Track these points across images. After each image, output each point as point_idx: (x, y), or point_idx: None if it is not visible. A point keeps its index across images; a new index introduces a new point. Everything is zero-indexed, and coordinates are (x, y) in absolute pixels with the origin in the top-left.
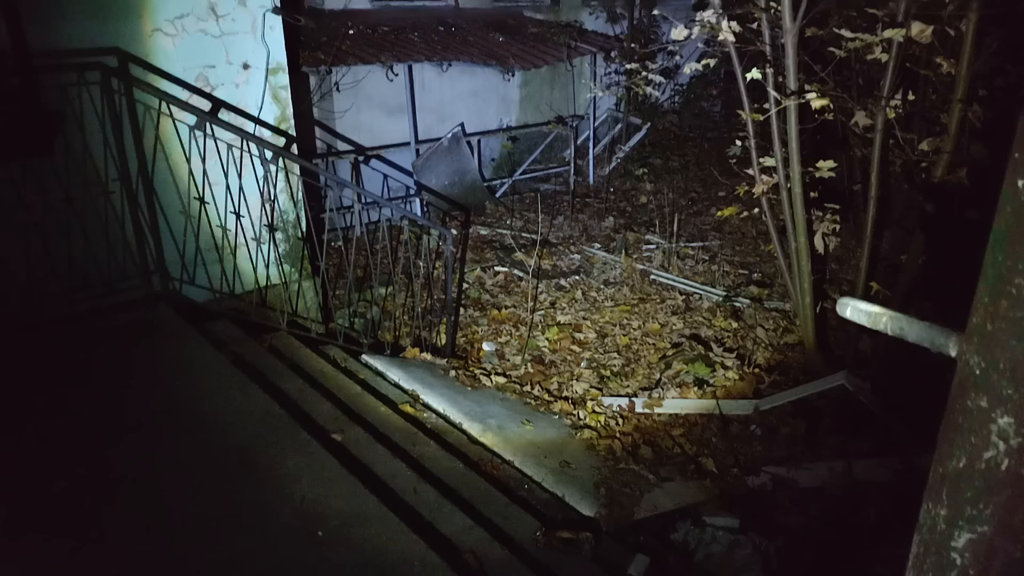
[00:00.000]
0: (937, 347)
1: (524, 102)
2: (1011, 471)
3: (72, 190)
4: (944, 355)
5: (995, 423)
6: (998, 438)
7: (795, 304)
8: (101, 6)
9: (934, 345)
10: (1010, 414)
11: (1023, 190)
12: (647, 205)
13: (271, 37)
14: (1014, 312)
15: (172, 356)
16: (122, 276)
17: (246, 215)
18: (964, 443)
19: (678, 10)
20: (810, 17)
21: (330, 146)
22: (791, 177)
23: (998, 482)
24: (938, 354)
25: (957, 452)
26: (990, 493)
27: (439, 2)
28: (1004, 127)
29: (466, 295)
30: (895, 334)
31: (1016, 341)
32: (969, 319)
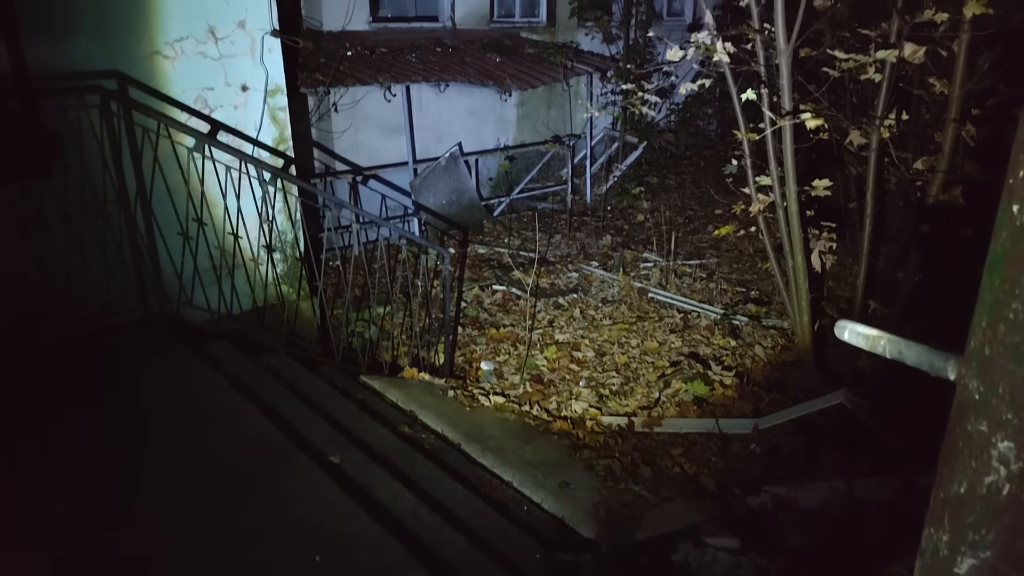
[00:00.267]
0: (936, 370)
1: (521, 121)
2: (1012, 496)
3: (70, 212)
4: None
5: (995, 448)
6: (999, 463)
7: (793, 322)
8: (102, 29)
9: (932, 368)
10: (1010, 439)
11: (1018, 214)
12: (644, 223)
13: (270, 59)
14: (1012, 336)
15: (169, 378)
16: (120, 297)
17: (244, 236)
18: (965, 468)
19: (673, 30)
20: (804, 38)
21: (328, 166)
22: (787, 196)
23: (1000, 508)
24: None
25: (958, 477)
26: (992, 518)
27: (436, 24)
28: (997, 146)
29: (464, 314)
30: (893, 357)
31: (1015, 366)
32: (967, 342)
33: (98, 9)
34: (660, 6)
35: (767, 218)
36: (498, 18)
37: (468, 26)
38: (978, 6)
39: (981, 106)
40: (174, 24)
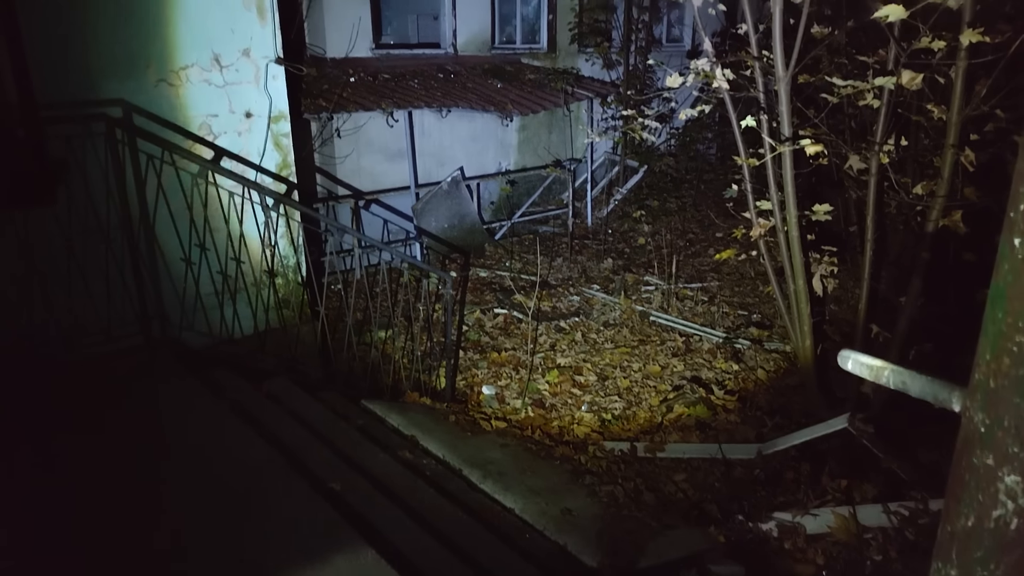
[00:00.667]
0: (940, 402)
1: (522, 146)
2: (1020, 531)
3: (74, 237)
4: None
5: (1002, 481)
6: (1006, 497)
7: (795, 346)
8: (109, 58)
9: (937, 400)
10: (1017, 472)
11: (1020, 247)
12: (645, 246)
13: (274, 86)
14: (1017, 369)
15: (170, 404)
16: (121, 322)
17: (247, 260)
18: (972, 501)
19: (672, 56)
20: (802, 65)
21: (331, 191)
22: (788, 221)
23: (1008, 542)
24: None
25: (965, 510)
26: (1000, 553)
27: (438, 50)
28: (997, 171)
29: (465, 337)
30: (897, 388)
31: (1020, 399)
32: (971, 375)
33: (106, 38)
34: (659, 32)
35: (768, 242)
36: (499, 44)
37: (470, 52)
38: (974, 35)
39: (979, 131)
40: (180, 52)
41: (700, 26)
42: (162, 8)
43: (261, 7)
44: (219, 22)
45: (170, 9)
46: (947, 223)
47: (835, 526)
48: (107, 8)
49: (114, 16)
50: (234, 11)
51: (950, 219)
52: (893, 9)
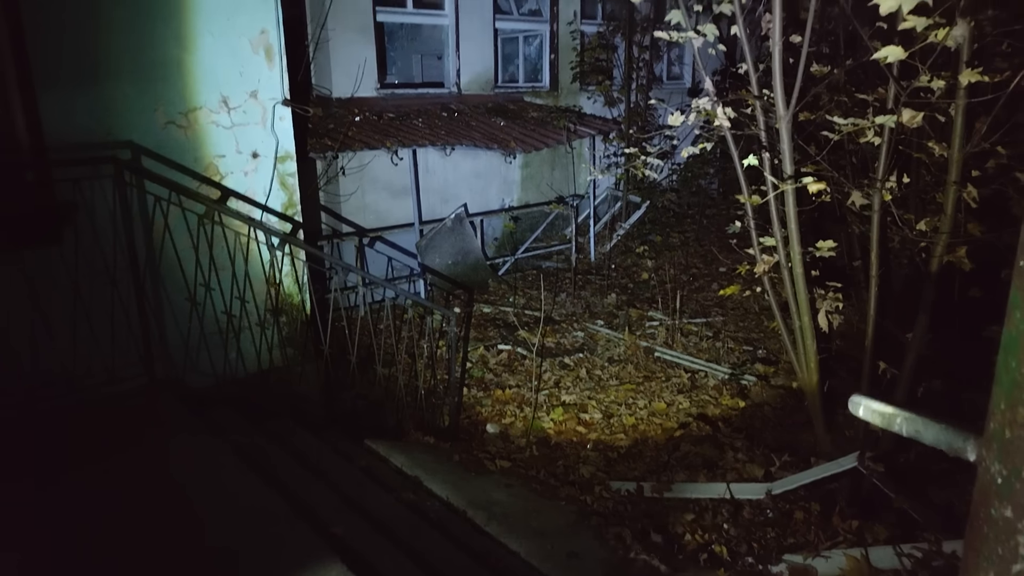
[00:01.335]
0: (955, 451)
1: (525, 182)
2: None
3: (80, 278)
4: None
5: (1022, 535)
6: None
7: (802, 383)
8: (118, 100)
9: (951, 449)
10: None
11: None
12: (649, 281)
13: (280, 127)
14: None
15: (172, 446)
16: (125, 363)
17: (251, 299)
18: (991, 555)
19: (673, 93)
20: (803, 103)
21: (335, 229)
22: (792, 257)
23: None
24: None
25: (984, 564)
26: None
27: (442, 89)
28: (1000, 206)
29: (469, 374)
30: (910, 435)
31: None
32: (986, 424)
33: (116, 82)
34: (660, 70)
35: (772, 278)
36: (502, 83)
37: (473, 91)
38: (973, 74)
39: (981, 168)
40: (189, 95)
41: (700, 66)
42: (172, 52)
43: (269, 51)
44: (228, 66)
45: (180, 53)
46: (951, 259)
47: (847, 569)
48: (117, 53)
49: (124, 61)
50: (243, 55)
51: (954, 255)
52: (892, 50)
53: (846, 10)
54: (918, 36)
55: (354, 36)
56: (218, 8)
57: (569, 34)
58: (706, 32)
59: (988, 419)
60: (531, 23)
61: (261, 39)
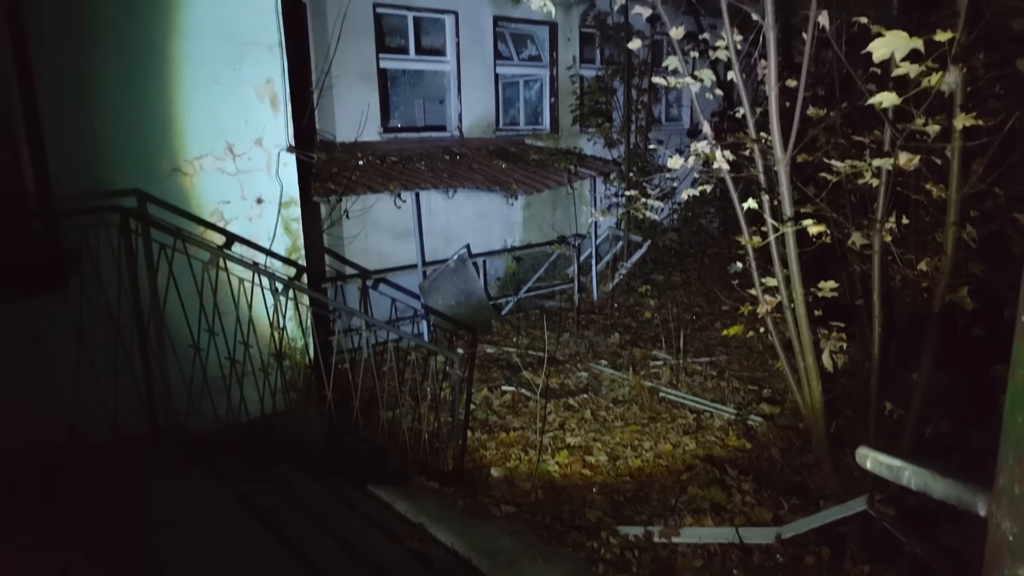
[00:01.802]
0: (964, 505)
1: (527, 223)
2: None
3: (84, 326)
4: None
5: None
6: None
7: (808, 423)
8: (126, 149)
9: (961, 503)
10: None
11: None
12: (652, 320)
13: (285, 173)
14: None
15: (174, 495)
16: (128, 411)
17: (254, 344)
18: None
19: (672, 134)
20: (800, 146)
21: (339, 272)
22: (794, 298)
23: None
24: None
25: None
26: None
27: (444, 133)
28: (1000, 246)
29: (473, 416)
30: (919, 489)
31: None
32: (996, 479)
33: (122, 131)
34: (659, 112)
35: (775, 318)
36: (504, 126)
37: (475, 134)
38: (967, 119)
39: (980, 207)
40: (195, 142)
41: (697, 110)
42: (178, 102)
43: (274, 99)
44: (234, 114)
45: (187, 102)
46: (954, 298)
47: None
48: (124, 103)
49: (131, 110)
50: (248, 103)
51: (956, 295)
52: (886, 96)
53: (840, 56)
54: (911, 81)
55: (358, 82)
56: (225, 58)
57: (569, 78)
58: (703, 77)
59: (997, 474)
60: (531, 68)
61: (266, 88)
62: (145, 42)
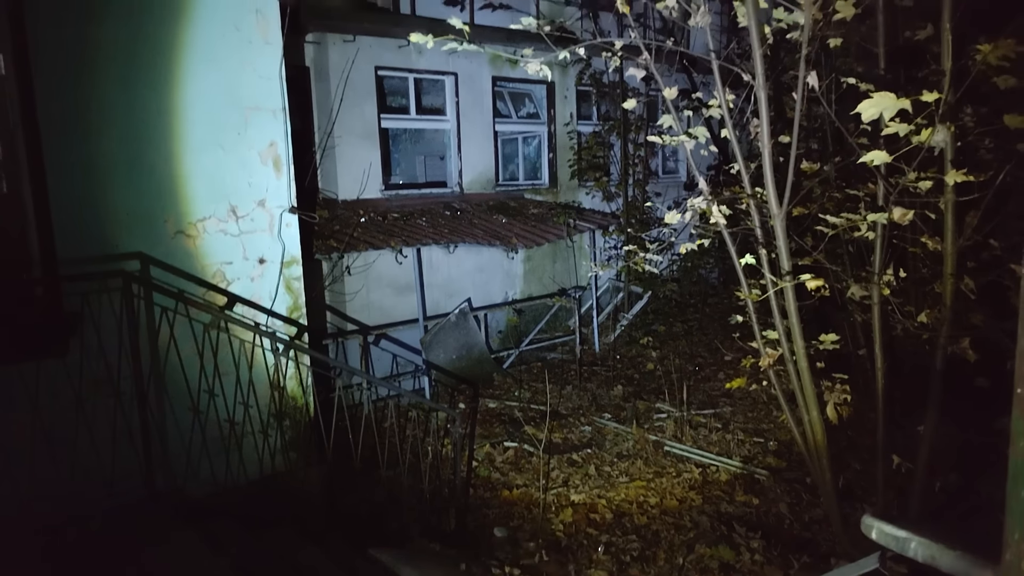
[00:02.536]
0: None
1: (528, 275)
2: None
3: (83, 389)
4: None
5: None
6: None
7: (815, 478)
8: (130, 213)
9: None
10: None
11: None
12: (654, 372)
13: (287, 233)
14: None
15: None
16: (125, 475)
17: (254, 405)
18: None
19: (669, 187)
20: (796, 200)
21: (340, 328)
22: (795, 351)
23: None
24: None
25: None
26: None
27: (445, 189)
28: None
29: (476, 474)
30: (926, 561)
31: None
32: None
33: (129, 196)
34: (656, 165)
35: (778, 371)
36: (503, 181)
37: (475, 190)
38: (958, 175)
39: (976, 258)
40: (199, 205)
41: (693, 166)
42: (183, 166)
43: (277, 161)
44: (238, 176)
45: (191, 166)
46: (956, 350)
47: None
48: (129, 168)
49: (136, 175)
50: (252, 166)
51: (958, 346)
52: (877, 155)
53: (831, 115)
54: (902, 139)
55: (360, 141)
56: (229, 123)
57: (566, 134)
58: (697, 135)
59: (1004, 549)
60: (529, 125)
61: (270, 151)
62: (152, 111)
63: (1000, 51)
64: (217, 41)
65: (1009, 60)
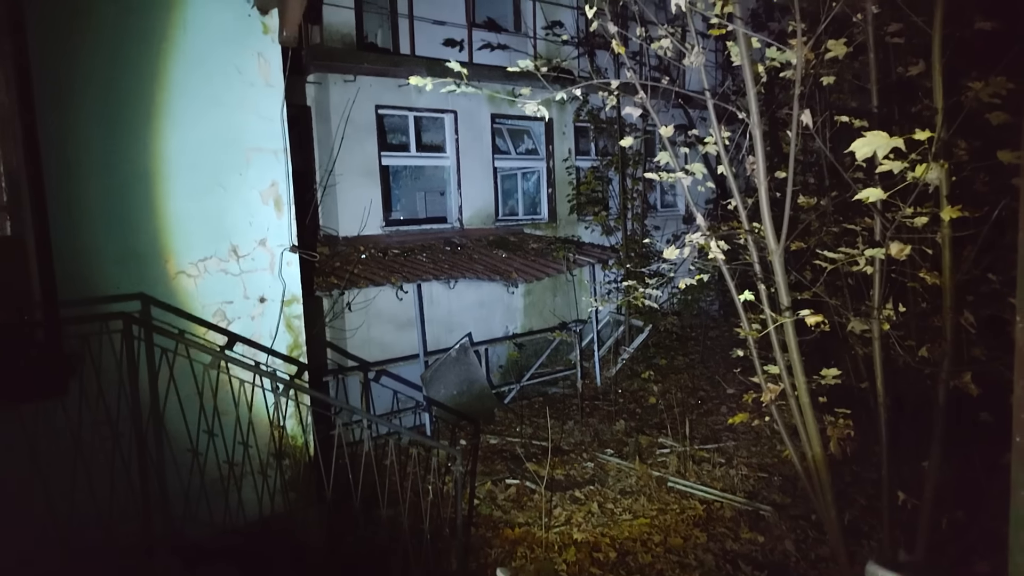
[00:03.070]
0: None
1: (528, 309)
2: None
3: (82, 431)
4: None
5: None
6: None
7: (821, 515)
8: (131, 254)
9: None
10: None
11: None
12: (656, 405)
13: (287, 272)
14: None
15: None
16: (123, 518)
17: (254, 445)
18: None
19: (668, 220)
20: (794, 236)
21: (340, 364)
22: (797, 386)
23: None
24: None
25: None
26: None
27: (445, 224)
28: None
29: (477, 512)
30: None
31: None
32: None
33: (130, 237)
34: (654, 199)
35: (780, 406)
36: (503, 216)
37: (475, 225)
38: (954, 211)
39: (976, 292)
40: (200, 245)
41: (691, 202)
42: (185, 207)
43: (278, 201)
44: (239, 216)
45: (193, 207)
46: (958, 384)
47: None
48: (131, 208)
49: (138, 217)
50: (253, 206)
51: (960, 380)
52: (873, 192)
53: (826, 152)
54: (897, 175)
55: (360, 179)
56: (231, 164)
57: (565, 169)
58: (694, 171)
59: None
60: (528, 161)
61: (271, 191)
62: (156, 153)
63: (992, 88)
64: (220, 84)
65: (1000, 97)
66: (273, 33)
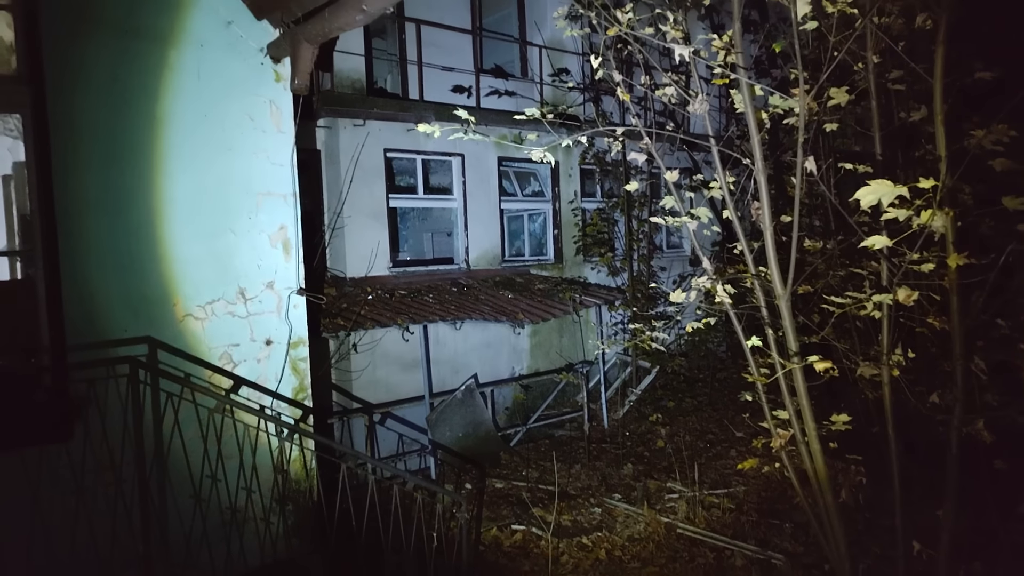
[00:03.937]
0: None
1: (535, 350)
2: None
3: (85, 477)
4: None
5: None
6: None
7: (834, 566)
8: (139, 297)
9: None
10: None
11: None
12: (664, 449)
13: (294, 315)
14: None
15: None
16: (123, 566)
17: (256, 490)
18: None
19: (674, 261)
20: (801, 280)
21: (345, 407)
22: (807, 432)
23: None
24: None
25: None
26: None
27: (452, 265)
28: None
29: (483, 559)
30: None
31: None
32: None
33: (139, 281)
34: (660, 240)
35: (790, 452)
36: (509, 257)
37: (482, 266)
38: (960, 258)
39: (986, 337)
40: (208, 288)
41: (696, 245)
42: (194, 249)
43: (287, 244)
44: (247, 259)
45: (202, 251)
46: (970, 431)
47: None
48: (140, 252)
49: (147, 261)
50: (261, 249)
51: (973, 427)
52: (879, 239)
53: (831, 199)
54: (902, 222)
55: (368, 221)
56: (241, 208)
57: (571, 211)
58: (700, 215)
59: None
60: (534, 203)
61: (280, 234)
62: (167, 198)
63: (994, 136)
64: (232, 130)
65: (1003, 144)
66: (285, 81)
